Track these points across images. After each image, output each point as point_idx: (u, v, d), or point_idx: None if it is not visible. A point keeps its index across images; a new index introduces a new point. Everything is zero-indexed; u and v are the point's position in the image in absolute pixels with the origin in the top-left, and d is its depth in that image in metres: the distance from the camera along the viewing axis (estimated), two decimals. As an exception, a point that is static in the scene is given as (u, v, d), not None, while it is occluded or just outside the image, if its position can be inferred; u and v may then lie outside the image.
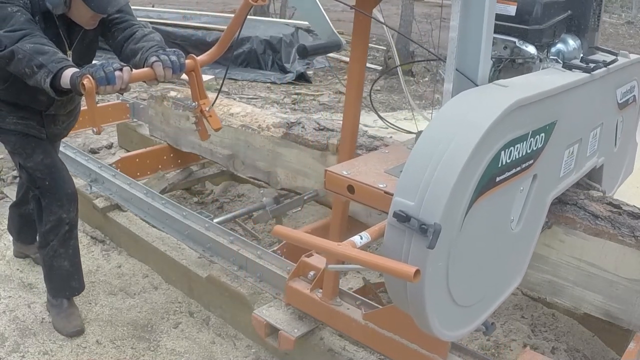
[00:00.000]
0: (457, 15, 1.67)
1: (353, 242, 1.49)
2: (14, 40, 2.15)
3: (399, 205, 1.46)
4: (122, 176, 3.47)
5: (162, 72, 2.20)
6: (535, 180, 1.77)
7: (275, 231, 1.55)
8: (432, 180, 1.43)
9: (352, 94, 2.11)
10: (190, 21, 8.10)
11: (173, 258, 3.05)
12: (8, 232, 3.28)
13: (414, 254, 1.46)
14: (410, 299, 1.54)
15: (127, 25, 2.48)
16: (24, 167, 2.60)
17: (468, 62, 1.71)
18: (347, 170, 1.87)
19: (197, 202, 3.99)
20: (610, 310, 2.20)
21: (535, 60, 2.02)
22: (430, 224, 1.39)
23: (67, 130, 2.81)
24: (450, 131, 1.46)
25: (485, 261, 1.69)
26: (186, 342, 2.73)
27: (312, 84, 7.75)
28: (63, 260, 2.70)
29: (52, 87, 2.12)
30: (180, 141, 3.84)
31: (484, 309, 1.77)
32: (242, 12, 2.29)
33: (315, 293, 2.38)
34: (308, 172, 3.19)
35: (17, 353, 2.61)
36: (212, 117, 2.46)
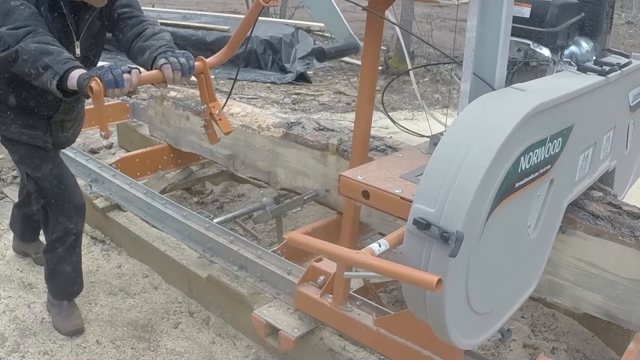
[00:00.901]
0: (475, 18, 1.64)
1: (372, 249, 1.45)
2: (18, 38, 2.07)
3: (419, 212, 1.43)
4: (122, 176, 3.47)
5: (170, 75, 2.15)
6: (552, 185, 1.75)
7: (290, 238, 1.51)
8: (453, 186, 1.40)
9: (364, 97, 2.08)
10: (190, 21, 8.09)
11: (173, 258, 3.05)
12: (10, 229, 3.27)
13: (434, 262, 1.43)
14: (430, 308, 1.51)
15: (137, 22, 2.41)
16: (31, 177, 2.55)
17: (485, 66, 1.69)
18: (362, 175, 1.84)
19: (197, 202, 3.99)
20: (610, 310, 2.20)
21: (550, 63, 2.00)
22: (451, 232, 1.36)
23: (75, 136, 2.72)
24: (470, 137, 1.43)
25: (503, 268, 1.68)
26: (186, 342, 2.73)
27: (312, 84, 7.75)
28: (66, 265, 2.70)
29: (58, 88, 2.07)
30: (180, 141, 3.84)
31: (500, 316, 1.75)
32: (252, 13, 2.25)
33: (325, 298, 2.36)
34: (308, 172, 3.19)
35: (17, 353, 2.61)
36: (222, 120, 2.41)
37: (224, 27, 7.83)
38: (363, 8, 1.91)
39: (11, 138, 2.48)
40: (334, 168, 3.07)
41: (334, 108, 6.72)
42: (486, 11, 1.64)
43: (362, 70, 2.07)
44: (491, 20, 1.65)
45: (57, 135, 2.55)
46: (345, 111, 6.63)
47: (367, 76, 2.05)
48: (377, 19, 1.95)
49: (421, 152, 2.07)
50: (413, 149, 2.15)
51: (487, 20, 1.65)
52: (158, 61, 2.17)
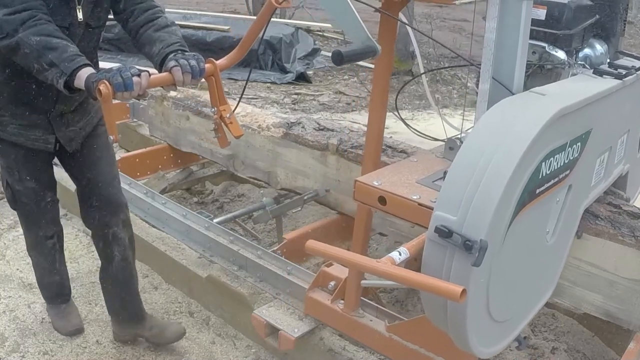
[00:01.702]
0: (494, 21, 1.62)
1: (392, 258, 1.41)
2: (16, 25, 1.93)
3: (441, 220, 1.39)
4: (122, 176, 3.47)
5: (181, 78, 2.06)
6: (570, 190, 1.73)
7: (308, 247, 1.47)
8: (475, 194, 1.37)
9: (378, 100, 2.05)
10: (190, 21, 8.09)
11: (173, 258, 3.05)
12: (108, 312, 2.73)
13: (456, 271, 1.40)
14: (450, 318, 1.48)
15: (149, 7, 2.29)
16: (10, 187, 2.41)
17: (503, 69, 1.67)
18: (378, 180, 1.81)
19: (197, 202, 3.99)
20: (610, 310, 2.20)
21: (565, 65, 1.98)
22: (474, 240, 1.33)
23: (85, 130, 2.43)
24: (493, 143, 1.40)
25: (522, 275, 1.66)
26: (186, 342, 2.72)
27: (312, 84, 7.75)
28: (51, 271, 2.68)
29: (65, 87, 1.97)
30: (180, 141, 3.84)
31: (518, 323, 1.73)
32: (264, 14, 2.18)
33: (336, 304, 2.34)
34: (308, 172, 3.19)
35: (17, 353, 2.61)
36: (233, 123, 2.32)
37: (224, 27, 7.83)
38: (376, 9, 1.88)
39: (6, 139, 2.31)
40: (334, 168, 3.07)
41: (334, 108, 6.71)
42: (505, 14, 1.62)
43: (375, 73, 2.04)
44: (510, 23, 1.63)
45: (62, 131, 2.34)
46: (345, 111, 6.63)
47: (381, 79, 2.01)
48: (391, 21, 1.92)
49: (436, 157, 2.04)
50: (427, 153, 2.11)
51: (506, 23, 1.63)
52: (168, 63, 2.08)
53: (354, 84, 7.67)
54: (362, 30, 1.81)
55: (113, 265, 2.53)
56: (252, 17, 9.44)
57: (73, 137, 2.39)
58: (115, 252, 2.49)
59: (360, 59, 1.79)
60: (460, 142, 1.96)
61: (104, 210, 2.44)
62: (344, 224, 3.16)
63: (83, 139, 2.43)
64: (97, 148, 2.47)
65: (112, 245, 2.48)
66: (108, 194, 2.44)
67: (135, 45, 2.30)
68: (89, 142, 2.46)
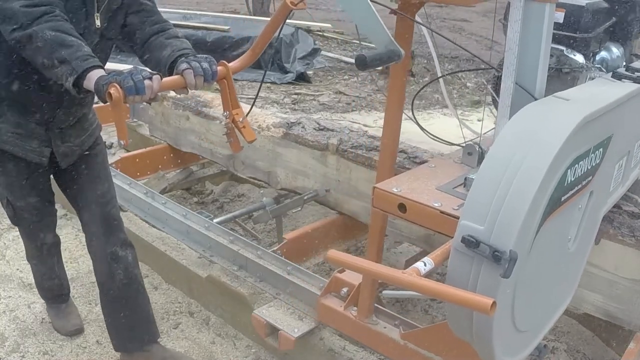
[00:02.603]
0: (518, 24, 1.59)
1: (417, 269, 1.37)
2: (33, 18, 1.86)
3: (467, 230, 1.36)
4: (122, 176, 3.47)
5: (192, 81, 1.98)
6: (591, 197, 1.71)
7: (329, 257, 1.43)
8: (503, 203, 1.33)
9: (394, 105, 2.01)
10: (190, 21, 8.08)
11: (173, 258, 3.05)
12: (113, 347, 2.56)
13: (484, 283, 1.37)
14: (476, 329, 1.45)
15: (159, 20, 2.25)
16: (11, 204, 2.35)
17: (526, 74, 1.64)
18: (397, 187, 1.78)
19: (197, 202, 3.99)
20: (610, 310, 2.20)
21: (583, 69, 1.96)
22: (503, 251, 1.30)
23: (81, 148, 2.36)
24: (520, 151, 1.37)
25: (544, 283, 1.64)
26: (186, 342, 2.73)
27: (312, 84, 7.75)
28: (53, 279, 2.69)
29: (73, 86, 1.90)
30: (180, 141, 3.85)
31: (539, 332, 1.71)
32: (279, 15, 2.12)
33: (349, 311, 2.32)
34: (308, 172, 3.19)
35: (17, 353, 2.61)
36: (246, 128, 2.25)
37: (224, 27, 7.83)
38: (393, 11, 1.85)
39: (1, 148, 2.22)
40: (334, 168, 3.07)
41: (334, 108, 6.71)
42: (528, 17, 1.59)
43: (391, 76, 1.99)
44: (533, 26, 1.59)
45: (58, 145, 2.28)
46: (345, 111, 6.63)
47: (397, 82, 1.97)
48: (408, 23, 1.88)
49: (454, 162, 2.01)
50: (445, 159, 2.09)
51: (528, 27, 1.60)
52: (180, 65, 2.01)
53: (354, 84, 7.66)
54: (384, 34, 1.75)
55: (115, 286, 2.38)
56: (252, 17, 9.45)
57: (68, 153, 2.33)
58: (117, 271, 2.37)
59: (384, 64, 1.74)
60: (479, 147, 1.93)
61: (102, 230, 2.36)
62: (344, 224, 3.16)
63: (78, 157, 2.37)
64: (93, 167, 2.41)
65: (112, 266, 2.36)
66: (105, 213, 2.38)
67: (141, 53, 2.24)
68: (85, 161, 2.40)
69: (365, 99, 7.07)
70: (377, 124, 6.02)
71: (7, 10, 1.87)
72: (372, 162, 2.90)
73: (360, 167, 2.95)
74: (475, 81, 7.43)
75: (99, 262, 2.39)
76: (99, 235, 2.36)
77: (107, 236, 2.36)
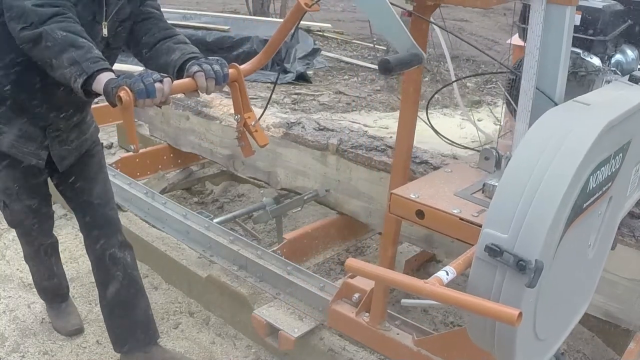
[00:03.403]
0: (539, 28, 1.56)
1: (440, 278, 1.34)
2: (43, 19, 1.82)
3: (491, 238, 1.34)
4: (122, 176, 3.47)
5: (204, 84, 1.93)
6: (610, 202, 1.69)
7: (348, 266, 1.39)
8: (528, 211, 1.31)
9: (408, 110, 1.97)
10: (190, 21, 8.08)
11: (173, 258, 3.05)
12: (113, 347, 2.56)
13: (507, 292, 1.34)
14: (499, 339, 1.42)
15: (167, 27, 2.24)
16: (8, 207, 2.34)
17: (546, 79, 1.63)
18: (415, 193, 1.76)
19: (197, 202, 3.99)
20: (610, 310, 2.20)
21: (599, 72, 1.94)
22: (528, 260, 1.28)
23: (79, 150, 2.35)
24: (544, 157, 1.35)
25: (564, 291, 1.62)
26: (186, 342, 2.73)
27: (312, 84, 7.75)
28: (52, 279, 2.69)
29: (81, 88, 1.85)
30: (180, 141, 3.85)
31: (557, 339, 1.70)
32: (292, 18, 2.05)
33: (361, 317, 2.30)
34: (308, 172, 3.19)
35: (17, 353, 2.61)
36: (258, 132, 2.19)
37: (224, 27, 7.83)
38: (407, 13, 1.83)
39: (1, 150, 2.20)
40: (334, 168, 3.07)
41: (334, 108, 6.71)
42: (548, 20, 1.57)
43: (405, 79, 1.96)
44: (554, 29, 1.57)
45: (55, 148, 2.25)
46: (345, 111, 6.63)
47: (411, 85, 1.93)
48: (423, 24, 1.86)
49: (470, 167, 1.99)
50: (462, 164, 2.06)
51: (549, 30, 1.58)
52: (190, 68, 1.97)
53: (354, 84, 7.67)
54: (406, 37, 1.71)
55: (114, 287, 2.39)
56: (252, 17, 9.45)
57: (66, 155, 2.30)
58: (116, 272, 2.37)
59: (407, 68, 1.70)
60: (496, 152, 1.91)
61: (100, 232, 2.36)
62: (344, 224, 3.16)
63: (76, 160, 2.35)
64: (90, 169, 2.39)
65: (110, 267, 2.37)
66: (103, 215, 2.37)
67: (147, 58, 2.20)
68: (83, 163, 2.38)
69: (365, 99, 7.07)
70: (377, 124, 6.01)
71: (18, 8, 1.84)
72: (372, 162, 2.90)
73: (360, 167, 2.95)
74: (475, 81, 7.43)
75: (98, 264, 2.39)
76: (97, 237, 2.36)
77: (105, 238, 2.36)
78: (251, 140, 2.19)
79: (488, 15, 11.06)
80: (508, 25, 8.75)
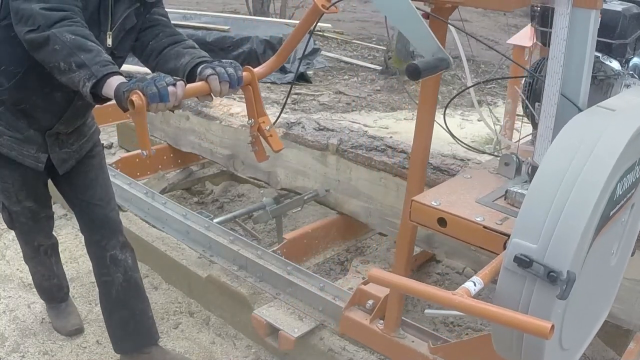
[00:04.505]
0: (564, 32, 1.53)
1: (468, 289, 1.30)
2: (51, 22, 1.78)
3: (520, 249, 1.31)
4: (122, 176, 3.47)
5: (218, 87, 1.87)
6: (632, 209, 1.68)
7: (372, 276, 1.36)
8: (559, 220, 1.29)
9: (425, 115, 1.94)
10: (190, 21, 8.08)
11: (173, 258, 3.05)
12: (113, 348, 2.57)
13: (537, 303, 1.32)
14: (526, 351, 1.39)
15: (175, 32, 2.19)
16: (7, 209, 2.34)
17: (570, 84, 1.60)
18: (436, 200, 1.73)
19: (197, 202, 3.99)
20: (611, 310, 2.19)
21: (617, 76, 1.91)
22: (559, 271, 1.26)
23: (79, 153, 2.33)
24: (574, 165, 1.33)
25: (588, 299, 1.61)
26: (186, 343, 2.73)
27: (312, 84, 7.75)
28: (52, 280, 2.69)
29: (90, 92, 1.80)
30: (180, 141, 3.85)
31: (580, 348, 1.67)
32: (309, 19, 1.99)
33: (375, 324, 2.26)
34: (308, 172, 3.19)
35: (17, 353, 2.61)
36: (273, 137, 2.14)
37: (224, 27, 7.83)
38: (425, 14, 1.80)
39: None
40: (334, 168, 3.07)
41: (334, 108, 6.71)
42: (572, 24, 1.54)
43: (422, 84, 1.93)
44: (578, 33, 1.54)
45: (55, 152, 2.24)
46: (345, 111, 6.63)
47: (429, 90, 1.90)
48: (441, 25, 1.83)
49: (489, 172, 1.97)
50: (481, 170, 2.03)
51: (573, 34, 1.54)
52: (203, 71, 1.90)
53: (354, 84, 7.67)
54: (432, 42, 1.67)
55: (114, 289, 2.38)
56: (252, 17, 9.45)
57: (66, 158, 2.29)
58: (116, 274, 2.37)
59: (435, 72, 1.66)
60: (516, 157, 1.88)
61: (101, 233, 2.35)
62: (344, 224, 3.16)
63: (76, 162, 2.33)
64: (91, 170, 2.37)
65: (111, 269, 2.37)
66: (104, 216, 2.36)
67: (154, 64, 2.16)
68: (83, 164, 2.36)
69: (365, 99, 7.07)
70: (377, 124, 6.02)
71: (25, 10, 1.80)
72: (372, 162, 2.90)
73: (360, 167, 2.95)
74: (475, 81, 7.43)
75: (98, 265, 2.39)
76: (98, 239, 2.36)
77: (106, 239, 2.35)
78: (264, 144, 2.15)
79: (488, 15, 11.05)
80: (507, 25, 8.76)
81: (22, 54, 1.91)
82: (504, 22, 9.21)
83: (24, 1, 1.81)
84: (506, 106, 3.86)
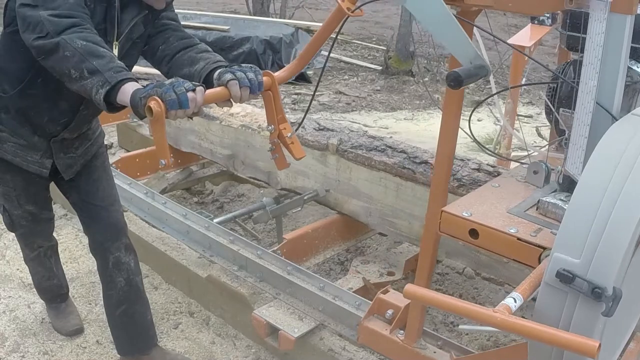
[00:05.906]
0: (600, 38, 1.48)
1: (508, 306, 1.26)
2: (60, 29, 1.73)
3: (562, 264, 1.28)
4: (122, 176, 3.47)
5: (238, 93, 1.80)
6: None
7: (407, 292, 1.32)
8: (602, 234, 1.25)
9: (449, 123, 1.88)
10: (190, 21, 8.08)
11: (173, 258, 3.05)
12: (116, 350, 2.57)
13: (580, 320, 1.28)
14: None
15: (186, 36, 2.12)
16: (8, 212, 2.33)
17: (604, 91, 1.55)
18: (466, 210, 1.69)
19: (197, 202, 4.00)
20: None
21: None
22: (604, 287, 1.22)
23: (84, 157, 2.30)
24: (616, 177, 1.29)
25: (623, 312, 1.57)
26: (186, 343, 2.73)
27: (312, 84, 7.75)
28: (52, 280, 2.69)
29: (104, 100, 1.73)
30: (180, 141, 3.85)
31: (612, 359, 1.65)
32: (332, 23, 1.90)
33: (395, 334, 2.20)
34: (308, 172, 3.19)
35: (17, 353, 2.61)
36: (294, 144, 2.05)
37: (224, 27, 7.84)
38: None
39: (2, 158, 2.16)
40: (334, 168, 3.07)
41: (334, 108, 6.72)
42: (608, 29, 1.49)
43: (448, 90, 1.87)
44: (613, 39, 1.49)
45: (60, 157, 2.22)
46: (345, 111, 6.63)
47: (454, 95, 1.85)
48: (467, 29, 1.77)
49: (517, 181, 1.92)
50: (509, 178, 1.99)
51: (608, 40, 1.49)
52: (223, 76, 1.83)
53: (354, 84, 7.67)
54: (470, 48, 1.63)
55: (115, 292, 2.39)
56: (252, 17, 9.45)
57: (71, 163, 2.26)
58: (118, 278, 2.36)
59: (475, 80, 1.62)
60: (545, 165, 1.85)
61: (104, 235, 2.33)
62: (344, 224, 3.16)
63: (81, 166, 2.31)
64: (94, 171, 2.35)
65: (113, 272, 2.36)
66: (107, 218, 2.34)
67: (166, 69, 2.10)
68: (86, 165, 2.34)
69: (365, 99, 7.08)
70: (377, 124, 6.02)
71: (33, 17, 1.75)
72: (372, 162, 2.90)
73: (360, 167, 2.95)
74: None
75: (102, 267, 2.39)
76: (101, 240, 2.34)
77: (110, 241, 2.34)
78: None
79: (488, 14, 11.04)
80: (508, 25, 8.75)
81: (27, 61, 1.88)
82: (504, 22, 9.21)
83: (31, 8, 1.75)
84: (506, 106, 3.87)
